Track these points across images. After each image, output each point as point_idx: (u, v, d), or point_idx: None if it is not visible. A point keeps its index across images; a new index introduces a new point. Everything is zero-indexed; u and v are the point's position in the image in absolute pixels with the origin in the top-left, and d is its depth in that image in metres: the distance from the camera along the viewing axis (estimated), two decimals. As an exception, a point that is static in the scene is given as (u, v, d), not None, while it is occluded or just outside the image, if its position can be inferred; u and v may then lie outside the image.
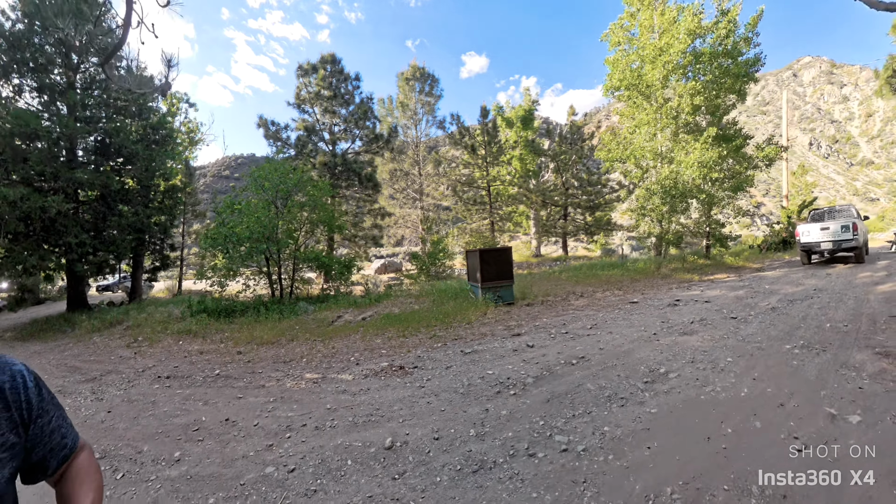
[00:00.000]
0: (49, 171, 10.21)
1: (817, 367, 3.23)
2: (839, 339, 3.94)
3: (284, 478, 2.08)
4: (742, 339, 4.16)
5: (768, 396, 2.73)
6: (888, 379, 2.86)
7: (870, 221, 46.65)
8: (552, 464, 2.06)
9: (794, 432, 2.25)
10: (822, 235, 10.54)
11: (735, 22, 11.57)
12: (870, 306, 5.19)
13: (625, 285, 9.05)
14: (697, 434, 2.30)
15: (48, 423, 0.74)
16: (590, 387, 3.04)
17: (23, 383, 0.72)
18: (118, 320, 9.56)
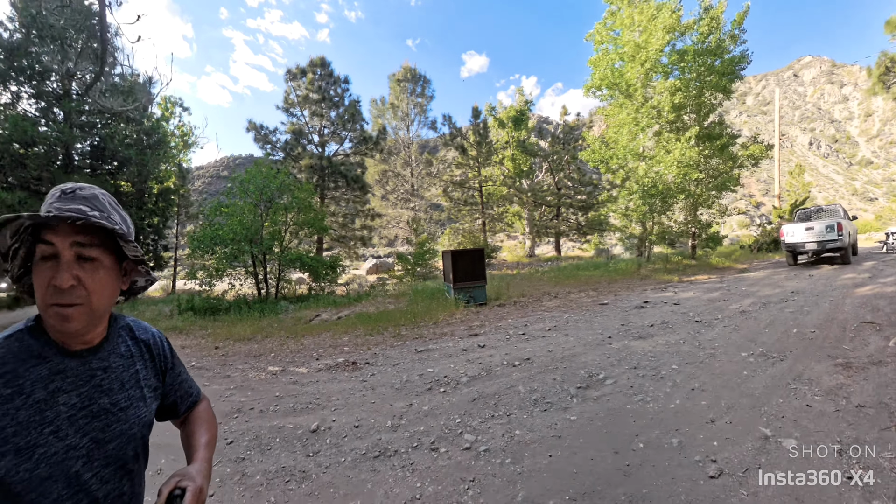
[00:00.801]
0: (46, 175, 10.60)
1: (768, 378, 3.05)
2: (803, 346, 3.76)
3: (222, 448, 2.42)
4: (698, 344, 4.07)
5: (700, 410, 2.59)
6: (843, 395, 2.65)
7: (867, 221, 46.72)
8: (449, 459, 2.18)
9: (714, 454, 2.07)
10: (806, 236, 10.39)
11: (718, 19, 11.57)
12: (844, 311, 5.03)
13: (602, 286, 9.26)
14: (607, 446, 2.23)
15: (178, 375, 0.90)
16: (521, 389, 3.10)
17: (161, 341, 0.88)
18: (111, 319, 9.94)
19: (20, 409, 0.62)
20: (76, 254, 0.65)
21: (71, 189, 0.68)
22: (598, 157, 12.78)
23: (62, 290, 0.63)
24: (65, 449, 0.65)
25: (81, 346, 0.71)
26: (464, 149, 20.27)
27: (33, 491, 0.62)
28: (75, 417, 0.67)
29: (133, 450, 0.75)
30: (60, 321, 0.64)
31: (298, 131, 15.09)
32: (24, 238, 0.67)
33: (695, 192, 12.28)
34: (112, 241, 0.70)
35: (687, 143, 10.88)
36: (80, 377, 0.70)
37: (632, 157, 12.07)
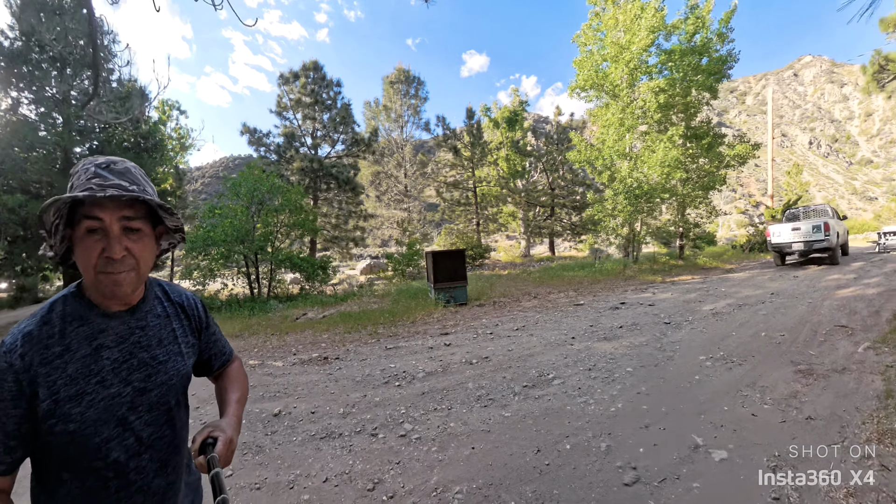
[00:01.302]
0: (46, 179, 10.94)
1: (720, 384, 3.01)
2: (767, 350, 3.71)
3: (194, 425, 2.75)
4: (660, 346, 4.08)
5: (639, 414, 2.59)
6: (795, 405, 2.56)
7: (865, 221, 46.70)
8: (383, 444, 2.42)
9: (636, 461, 2.05)
10: (793, 236, 10.26)
11: (703, 19, 11.56)
12: (820, 313, 4.94)
13: (583, 287, 9.44)
14: (531, 444, 2.27)
15: (212, 335, 0.97)
16: (470, 386, 3.26)
17: (195, 303, 0.95)
18: (108, 318, 10.30)
19: (69, 364, 0.71)
20: (123, 226, 0.71)
21: (105, 164, 0.72)
22: (584, 157, 12.90)
23: (114, 260, 0.70)
24: (110, 396, 0.74)
25: (120, 308, 0.78)
26: (457, 150, 20.56)
27: (87, 430, 0.71)
28: (118, 370, 0.76)
29: (174, 398, 0.83)
30: (113, 286, 0.72)
31: (291, 134, 15.45)
32: (62, 214, 0.71)
33: (681, 192, 12.37)
34: (150, 211, 0.77)
35: (670, 143, 10.92)
36: (121, 335, 0.77)
37: (618, 158, 12.14)
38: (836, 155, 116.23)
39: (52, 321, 0.73)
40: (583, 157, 12.83)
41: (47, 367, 0.70)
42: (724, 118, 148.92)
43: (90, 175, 0.69)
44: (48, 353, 0.70)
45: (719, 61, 11.75)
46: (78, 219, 0.69)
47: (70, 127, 12.01)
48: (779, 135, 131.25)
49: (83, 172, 0.71)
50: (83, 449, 0.72)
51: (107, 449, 0.73)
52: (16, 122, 11.17)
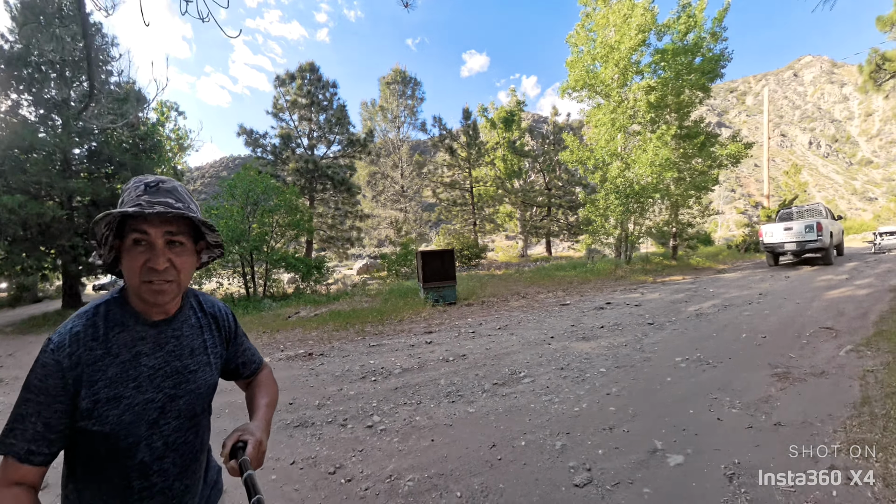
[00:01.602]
0: (45, 180, 11.12)
1: (692, 386, 2.97)
2: (746, 353, 3.67)
3: None
4: (639, 347, 4.08)
5: (604, 416, 2.59)
6: (765, 410, 2.50)
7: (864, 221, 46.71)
8: (351, 433, 2.58)
9: (592, 462, 2.07)
10: (785, 236, 10.18)
11: (695, 17, 11.55)
12: (806, 315, 4.88)
13: (573, 287, 9.56)
14: (488, 439, 2.33)
15: (241, 344, 1.01)
16: (442, 382, 3.35)
17: (226, 314, 0.98)
18: (106, 317, 10.53)
19: (109, 367, 0.75)
20: (167, 240, 0.76)
21: (154, 182, 0.77)
22: (575, 157, 12.98)
23: (157, 271, 0.74)
24: (145, 401, 0.77)
25: (160, 317, 0.83)
26: (452, 150, 20.73)
27: (120, 432, 0.75)
28: (154, 377, 0.79)
29: (200, 406, 0.87)
30: (155, 295, 0.76)
31: (287, 135, 15.64)
32: (112, 227, 0.77)
33: (673, 192, 12.42)
34: (191, 226, 0.81)
35: (661, 143, 10.95)
36: (158, 343, 0.81)
37: (609, 158, 12.19)
38: (836, 155, 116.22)
39: (97, 324, 0.76)
40: (574, 158, 12.91)
41: (90, 368, 0.73)
42: (724, 118, 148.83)
43: (139, 192, 0.75)
44: (91, 354, 0.74)
45: (713, 60, 11.71)
46: (126, 231, 0.75)
47: (69, 129, 12.20)
48: (778, 135, 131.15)
49: (133, 189, 0.76)
50: (114, 449, 0.75)
51: (135, 450, 0.77)
52: (16, 123, 11.36)
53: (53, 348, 0.72)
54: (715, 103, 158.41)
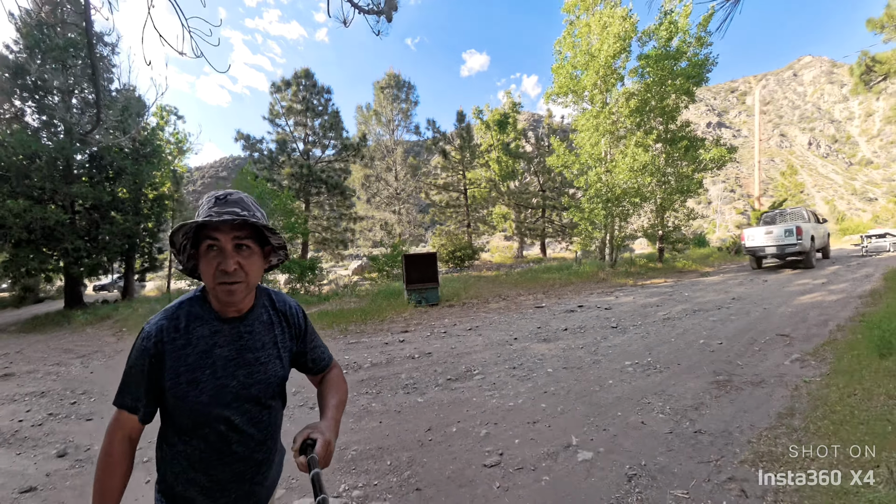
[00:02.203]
0: (49, 185, 11.56)
1: (629, 389, 3.12)
2: (696, 359, 3.76)
3: None
4: (594, 350, 4.26)
5: (534, 412, 2.82)
6: (691, 417, 2.60)
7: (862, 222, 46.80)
8: (308, 416, 3.01)
9: (506, 449, 2.31)
10: (765, 240, 10.35)
11: (677, 24, 11.77)
12: (769, 321, 4.97)
13: (554, 289, 9.87)
14: (426, 424, 2.64)
15: (311, 341, 1.08)
16: (403, 376, 3.66)
17: (297, 312, 1.05)
18: (109, 315, 10.93)
19: (189, 355, 0.86)
20: (235, 245, 0.84)
21: (223, 196, 0.87)
22: (560, 162, 13.27)
23: (228, 273, 0.83)
24: (219, 386, 0.87)
25: (234, 314, 0.92)
26: (445, 153, 21.13)
27: (200, 409, 0.86)
28: (227, 366, 0.89)
29: (270, 395, 0.95)
30: (227, 295, 0.86)
31: (283, 141, 16.09)
32: (189, 236, 0.89)
33: (659, 195, 12.66)
34: (257, 232, 0.90)
35: (639, 149, 11.18)
36: (231, 337, 0.91)
37: (593, 163, 12.47)
38: (835, 155, 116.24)
39: (179, 318, 0.89)
40: (560, 162, 13.20)
41: (173, 355, 0.86)
42: (725, 118, 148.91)
43: (210, 205, 0.85)
44: (174, 344, 0.87)
45: (698, 65, 11.91)
46: (201, 239, 0.85)
47: (72, 136, 12.64)
48: (777, 135, 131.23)
49: (206, 203, 0.86)
50: (197, 423, 0.87)
51: (215, 425, 0.88)
52: (20, 131, 11.80)
53: (144, 337, 0.87)
54: (715, 103, 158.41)
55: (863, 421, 2.25)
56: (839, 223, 54.69)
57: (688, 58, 11.98)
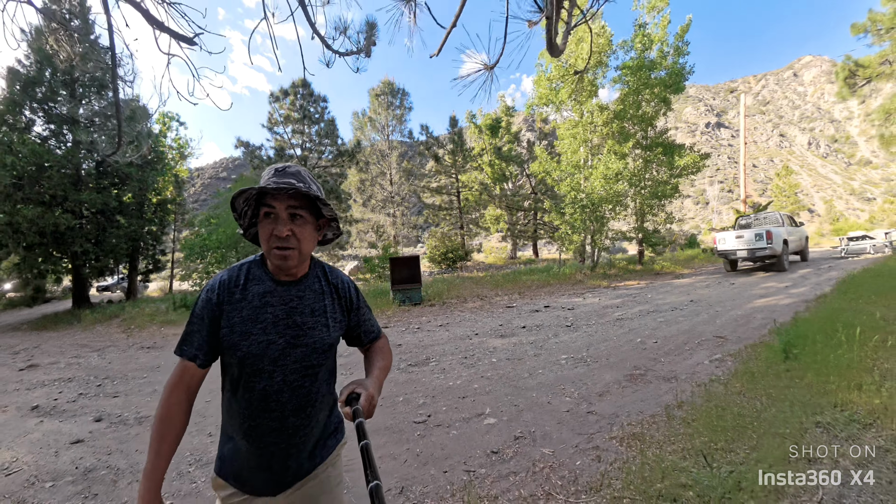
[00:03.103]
0: (60, 193, 12.28)
1: (555, 378, 3.54)
2: (627, 355, 4.08)
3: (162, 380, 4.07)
4: (540, 345, 4.70)
5: (467, 391, 3.33)
6: (592, 401, 2.95)
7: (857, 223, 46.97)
8: None
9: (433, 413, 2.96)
10: (737, 243, 10.79)
11: (649, 37, 12.39)
12: (714, 323, 5.23)
13: (531, 290, 10.46)
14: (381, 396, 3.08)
15: (362, 315, 1.14)
16: None
17: (348, 286, 1.13)
18: (116, 314, 11.63)
19: (244, 309, 0.96)
20: (290, 213, 0.92)
21: (282, 168, 0.94)
22: (542, 168, 13.95)
23: (281, 238, 0.92)
24: (268, 341, 0.95)
25: (287, 278, 1.00)
26: (437, 157, 21.83)
27: (248, 360, 0.94)
28: (276, 324, 0.97)
29: (315, 359, 1.00)
30: (280, 259, 0.94)
31: (281, 148, 16.82)
32: (251, 203, 0.98)
33: (636, 200, 13.32)
34: (312, 204, 0.96)
35: (612, 157, 11.83)
36: (283, 299, 0.98)
37: (572, 170, 13.16)
38: (835, 155, 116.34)
39: (239, 277, 0.99)
40: (541, 169, 13.87)
41: (229, 307, 0.95)
42: (724, 118, 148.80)
43: (270, 175, 0.92)
44: (232, 297, 0.96)
45: (676, 74, 12.46)
46: (260, 206, 0.94)
47: (80, 144, 13.37)
48: (777, 135, 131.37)
49: (267, 174, 0.93)
50: (246, 373, 0.94)
51: (260, 378, 0.93)
52: (33, 142, 12.52)
53: (208, 289, 0.97)
54: (714, 103, 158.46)
55: (735, 415, 2.44)
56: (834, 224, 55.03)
57: (666, 66, 12.54)
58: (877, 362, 2.67)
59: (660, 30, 12.45)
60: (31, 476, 2.56)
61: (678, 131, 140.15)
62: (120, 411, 3.70)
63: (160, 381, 4.54)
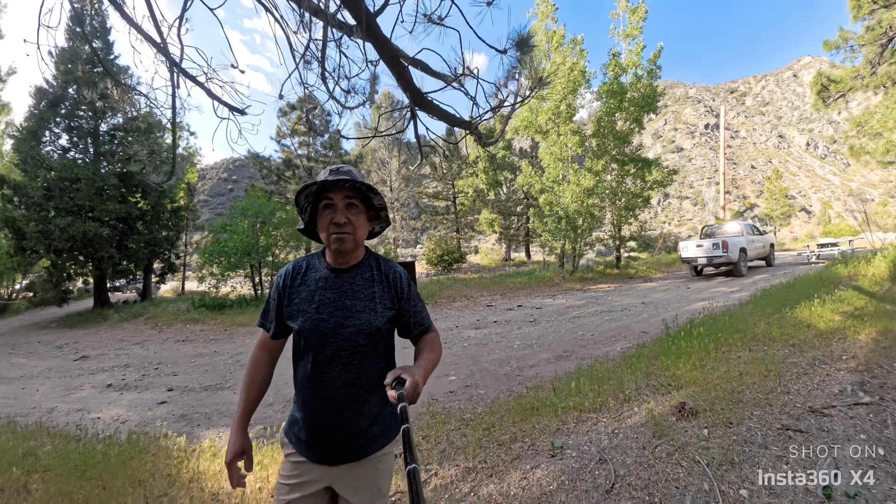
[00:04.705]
0: (88, 203, 13.51)
1: (503, 356, 4.48)
2: (565, 343, 4.95)
3: (207, 363, 5.27)
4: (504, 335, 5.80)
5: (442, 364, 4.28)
6: (522, 369, 3.90)
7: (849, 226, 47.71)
8: None
9: None
10: (697, 251, 11.94)
11: (621, 65, 13.68)
12: (648, 321, 5.93)
13: (512, 291, 11.60)
14: None
15: (413, 306, 1.23)
16: None
17: (400, 277, 1.22)
18: (139, 313, 12.83)
19: (303, 292, 1.14)
20: (346, 203, 1.08)
21: (336, 167, 1.10)
22: (525, 181, 15.17)
23: (339, 224, 1.07)
24: (321, 319, 1.10)
25: (341, 267, 1.16)
26: (434, 165, 23.03)
27: (305, 333, 1.11)
28: (328, 305, 1.11)
29: (364, 339, 1.12)
30: (338, 243, 1.09)
31: (288, 158, 18.09)
32: (310, 198, 1.14)
33: (612, 211, 14.53)
34: (364, 197, 1.12)
35: (585, 173, 13.09)
36: (335, 284, 1.14)
37: (552, 184, 14.33)
38: (833, 156, 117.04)
39: (302, 266, 1.20)
40: (524, 182, 15.11)
41: (291, 290, 1.16)
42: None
43: (327, 174, 1.08)
44: (294, 282, 1.17)
45: (649, 96, 13.64)
46: (319, 200, 1.11)
47: (104, 158, 14.61)
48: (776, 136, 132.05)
49: (323, 173, 1.10)
50: (304, 346, 1.12)
51: (312, 351, 1.11)
52: (64, 157, 13.76)
53: (279, 275, 1.20)
54: (714, 104, 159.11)
55: (601, 379, 3.40)
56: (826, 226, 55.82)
57: (639, 88, 13.74)
58: (711, 353, 3.71)
59: (634, 55, 13.66)
60: (140, 422, 3.77)
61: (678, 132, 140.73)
62: (184, 384, 4.92)
63: (208, 364, 5.76)
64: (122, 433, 3.07)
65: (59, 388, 5.26)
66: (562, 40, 13.61)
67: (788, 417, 2.33)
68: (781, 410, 2.44)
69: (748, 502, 1.74)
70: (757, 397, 2.58)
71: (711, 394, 2.69)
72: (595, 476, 2.07)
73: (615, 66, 13.69)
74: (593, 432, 2.50)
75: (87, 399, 4.76)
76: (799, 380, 2.84)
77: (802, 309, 4.54)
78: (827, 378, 2.83)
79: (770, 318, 4.52)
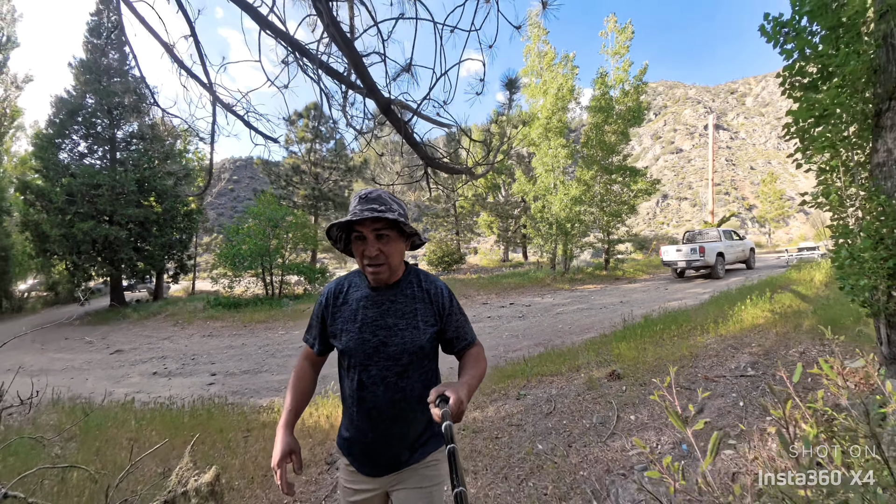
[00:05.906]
0: (109, 208, 14.42)
1: (494, 343, 5.37)
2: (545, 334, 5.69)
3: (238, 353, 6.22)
4: (496, 328, 6.69)
5: None
6: (506, 351, 5.25)
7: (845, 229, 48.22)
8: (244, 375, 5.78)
9: None
10: (677, 256, 12.66)
11: (606, 84, 14.60)
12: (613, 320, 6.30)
13: (506, 291, 12.50)
14: None
15: (456, 321, 1.21)
16: None
17: (442, 293, 1.20)
18: (157, 311, 13.70)
19: (345, 311, 1.15)
20: (376, 235, 1.06)
21: (364, 195, 1.07)
22: (520, 189, 16.15)
23: (371, 257, 1.06)
24: (363, 339, 1.10)
25: (381, 286, 1.15)
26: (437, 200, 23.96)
27: (349, 352, 1.12)
28: (370, 324, 1.11)
29: (407, 357, 1.11)
30: (373, 276, 1.10)
31: (296, 164, 19.02)
32: (343, 230, 1.14)
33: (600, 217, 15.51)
34: (394, 223, 1.08)
35: (573, 183, 14.07)
36: (377, 303, 1.14)
37: (543, 192, 15.30)
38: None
39: (343, 285, 1.20)
40: (519, 190, 16.08)
41: (334, 308, 1.17)
42: (723, 120, 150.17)
43: (355, 203, 1.07)
44: (336, 301, 1.18)
45: (633, 110, 14.53)
46: (351, 231, 1.10)
47: (123, 166, 15.53)
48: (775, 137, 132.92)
49: (353, 202, 1.08)
50: (348, 364, 1.14)
51: (357, 370, 1.11)
52: (86, 165, 14.66)
53: (322, 294, 1.22)
54: (714, 105, 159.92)
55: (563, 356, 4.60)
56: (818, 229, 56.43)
57: (624, 103, 14.63)
58: (652, 339, 4.60)
59: (622, 72, 14.59)
60: (199, 398, 4.64)
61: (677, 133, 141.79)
62: (225, 370, 5.84)
63: (241, 354, 6.63)
64: (188, 406, 3.94)
65: (107, 378, 5.96)
66: (552, 59, 14.56)
67: (686, 381, 3.27)
68: (685, 377, 3.37)
69: (634, 423, 2.66)
70: (669, 369, 3.50)
71: (639, 366, 3.62)
72: (542, 408, 3.14)
73: (602, 84, 14.70)
74: (548, 386, 3.51)
75: (139, 384, 5.58)
76: (708, 359, 3.77)
77: (740, 308, 5.43)
78: (731, 358, 3.75)
79: (714, 315, 5.43)
